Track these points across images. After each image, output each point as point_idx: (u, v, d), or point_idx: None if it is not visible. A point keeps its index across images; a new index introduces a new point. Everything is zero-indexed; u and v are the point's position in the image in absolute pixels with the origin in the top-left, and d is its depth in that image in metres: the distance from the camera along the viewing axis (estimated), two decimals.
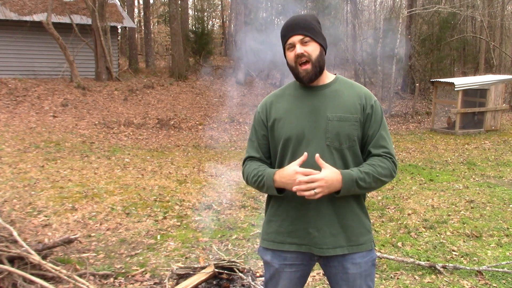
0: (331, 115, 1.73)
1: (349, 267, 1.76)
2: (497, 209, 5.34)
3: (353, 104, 1.76)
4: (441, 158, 8.59)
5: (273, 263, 1.83)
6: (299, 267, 1.81)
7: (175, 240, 4.30)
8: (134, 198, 5.61)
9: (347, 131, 1.73)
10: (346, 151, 1.74)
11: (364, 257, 1.78)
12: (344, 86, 1.81)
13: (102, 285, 3.31)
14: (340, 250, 1.75)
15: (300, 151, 1.73)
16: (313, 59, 1.73)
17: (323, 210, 1.73)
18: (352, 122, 1.74)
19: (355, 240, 1.76)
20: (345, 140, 1.73)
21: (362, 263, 1.77)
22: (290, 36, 1.74)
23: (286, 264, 1.81)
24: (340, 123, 1.73)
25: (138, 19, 26.25)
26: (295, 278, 1.83)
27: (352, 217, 1.77)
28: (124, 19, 16.55)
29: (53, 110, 11.40)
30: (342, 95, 1.78)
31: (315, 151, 1.71)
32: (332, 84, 1.81)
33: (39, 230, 4.38)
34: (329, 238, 1.74)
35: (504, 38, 21.84)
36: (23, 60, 14.17)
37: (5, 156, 7.44)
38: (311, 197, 1.62)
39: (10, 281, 2.88)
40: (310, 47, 1.73)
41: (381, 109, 1.82)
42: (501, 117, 12.48)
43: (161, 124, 11.31)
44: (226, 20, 30.80)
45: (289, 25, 1.75)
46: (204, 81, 16.67)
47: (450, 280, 3.44)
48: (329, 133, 1.72)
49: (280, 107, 1.82)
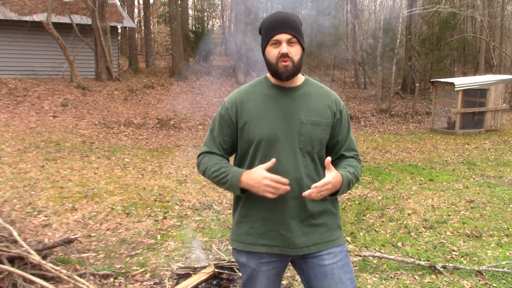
0: (304, 119, 1.74)
1: (325, 258, 1.76)
2: (497, 209, 5.34)
3: (324, 109, 1.78)
4: (441, 158, 8.59)
5: (250, 264, 1.82)
6: (275, 263, 1.82)
7: (175, 240, 4.30)
8: (134, 198, 5.61)
9: (320, 136, 1.76)
10: (316, 155, 1.77)
11: (339, 249, 1.81)
12: (314, 89, 1.83)
13: (102, 285, 3.31)
14: (314, 247, 1.77)
15: (272, 154, 1.71)
16: (295, 61, 1.72)
17: (296, 211, 1.74)
18: (324, 126, 1.77)
19: (328, 236, 1.79)
20: (317, 144, 1.76)
21: (337, 252, 1.79)
22: (278, 33, 1.70)
23: (263, 262, 1.80)
24: (314, 127, 1.74)
25: (138, 19, 26.25)
26: (272, 275, 1.84)
27: (325, 215, 1.80)
28: (124, 19, 16.55)
29: (53, 110, 11.40)
30: (313, 98, 1.79)
31: (288, 154, 1.72)
32: (303, 86, 1.81)
33: (39, 230, 4.38)
34: (302, 237, 1.75)
35: (504, 38, 21.84)
36: (23, 60, 14.17)
37: (5, 156, 7.44)
38: (317, 198, 1.65)
39: (10, 281, 2.88)
40: (295, 49, 1.73)
41: (348, 113, 1.88)
42: (501, 117, 12.48)
43: (161, 124, 11.31)
44: (226, 20, 30.81)
45: (278, 21, 1.71)
46: (204, 81, 16.68)
47: (450, 280, 3.44)
48: (302, 136, 1.73)
49: (252, 106, 1.77)
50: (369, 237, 4.43)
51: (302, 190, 1.69)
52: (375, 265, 3.72)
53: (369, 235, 4.51)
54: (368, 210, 5.33)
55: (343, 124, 1.83)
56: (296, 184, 1.72)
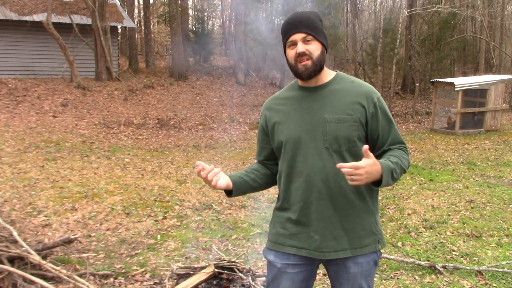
0: (329, 117, 1.69)
1: (350, 266, 1.74)
2: (497, 209, 5.34)
3: (352, 104, 1.70)
4: (441, 158, 8.59)
5: (276, 263, 1.80)
6: (302, 267, 1.78)
7: (175, 240, 4.30)
8: (134, 198, 5.61)
9: (346, 133, 1.68)
10: (345, 153, 1.70)
11: (366, 258, 1.76)
12: (344, 85, 1.75)
13: (102, 285, 3.31)
14: (342, 253, 1.72)
15: (298, 155, 1.72)
16: (314, 57, 1.69)
17: (325, 213, 1.71)
18: (351, 123, 1.69)
19: (358, 243, 1.73)
20: (344, 142, 1.69)
21: (364, 263, 1.75)
22: (292, 33, 1.68)
23: (289, 264, 1.78)
24: (339, 125, 1.68)
25: (138, 19, 26.24)
26: (298, 281, 1.79)
27: (355, 219, 1.73)
28: (124, 19, 16.55)
29: (53, 110, 11.40)
30: (341, 94, 1.73)
31: (313, 154, 1.70)
32: (331, 83, 1.76)
33: (39, 230, 4.38)
34: (331, 241, 1.72)
35: (504, 38, 21.84)
36: (23, 60, 14.17)
37: (5, 156, 7.44)
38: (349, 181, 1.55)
39: (10, 281, 2.88)
40: (312, 46, 1.69)
41: (386, 105, 1.77)
42: (501, 117, 12.48)
43: (161, 124, 11.31)
44: (226, 20, 30.81)
45: (291, 22, 1.70)
46: (204, 81, 16.67)
47: (450, 280, 3.44)
48: (327, 135, 1.69)
49: (279, 110, 1.80)
50: None
51: (330, 190, 1.68)
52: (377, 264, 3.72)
53: None
54: None
55: (381, 117, 1.73)
56: (323, 185, 1.69)
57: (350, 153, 1.70)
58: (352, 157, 1.70)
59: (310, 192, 1.71)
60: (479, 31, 19.78)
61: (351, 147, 1.70)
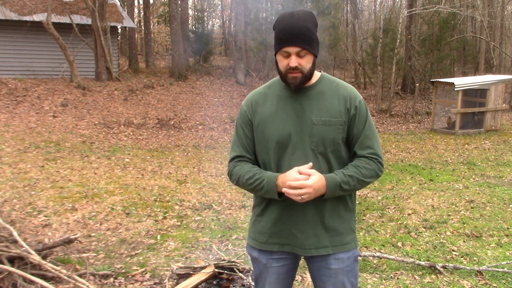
0: (316, 119, 1.70)
1: (331, 262, 1.78)
2: (497, 209, 5.34)
3: (338, 107, 1.73)
4: (441, 158, 8.59)
5: (261, 259, 1.86)
6: (285, 260, 1.85)
7: (175, 240, 4.30)
8: (134, 198, 5.61)
9: (332, 136, 1.71)
10: (330, 155, 1.73)
11: (347, 254, 1.80)
12: (329, 87, 1.77)
13: (102, 285, 3.31)
14: (323, 250, 1.77)
15: (285, 155, 1.73)
16: (305, 71, 1.69)
17: (307, 212, 1.75)
18: (337, 126, 1.72)
19: (338, 241, 1.78)
20: (330, 144, 1.72)
21: (344, 259, 1.79)
22: (287, 45, 1.65)
23: (273, 258, 1.84)
24: (325, 128, 1.70)
25: (138, 19, 26.25)
26: (283, 273, 1.86)
27: (336, 218, 1.78)
28: (124, 19, 16.55)
29: (53, 110, 11.41)
30: (326, 97, 1.74)
31: (299, 155, 1.71)
32: (317, 85, 1.77)
33: (39, 230, 4.38)
34: (312, 239, 1.76)
35: (504, 38, 21.84)
36: (23, 60, 14.17)
37: (5, 156, 7.44)
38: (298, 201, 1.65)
39: (10, 281, 2.88)
40: (305, 60, 1.67)
41: (366, 109, 1.79)
42: (501, 117, 12.48)
43: (161, 124, 11.31)
44: (226, 20, 30.81)
45: (287, 33, 1.64)
46: (204, 81, 16.68)
47: (450, 280, 3.44)
48: (314, 137, 1.70)
49: (265, 108, 1.78)
50: (369, 237, 4.43)
51: None
52: (375, 265, 3.72)
53: (369, 235, 4.51)
54: (368, 210, 5.33)
55: (358, 120, 1.75)
56: None
57: (334, 155, 1.74)
58: (336, 159, 1.75)
59: None
60: (479, 31, 19.79)
61: (335, 149, 1.74)
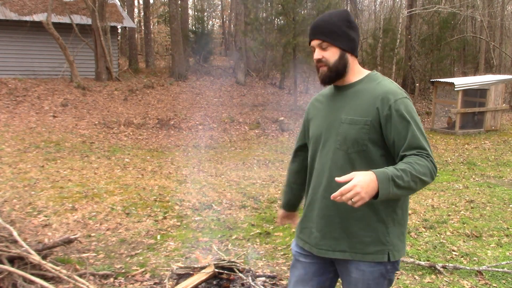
0: (344, 118, 1.69)
1: (352, 271, 1.71)
2: (497, 209, 5.34)
3: (368, 106, 1.66)
4: (441, 158, 8.59)
5: (293, 250, 1.92)
6: (313, 259, 1.82)
7: (175, 240, 4.30)
8: (134, 198, 5.61)
9: (355, 135, 1.65)
10: (354, 155, 1.66)
11: (371, 267, 1.69)
12: (370, 86, 1.71)
13: (102, 285, 3.31)
14: (340, 254, 1.71)
15: (317, 152, 1.79)
16: (330, 64, 1.71)
17: (326, 212, 1.72)
18: (362, 125, 1.65)
19: (360, 248, 1.68)
20: (353, 144, 1.66)
21: (366, 272, 1.69)
22: (311, 39, 1.75)
23: (301, 253, 1.86)
24: (350, 126, 1.67)
25: (138, 19, 26.24)
26: (311, 272, 1.82)
27: (359, 224, 1.68)
28: (124, 19, 16.55)
29: (53, 110, 11.40)
30: (361, 95, 1.70)
31: (326, 153, 1.74)
32: (358, 84, 1.74)
33: (39, 230, 4.38)
34: (329, 240, 1.72)
35: (504, 38, 21.83)
36: (23, 60, 14.17)
37: (5, 156, 7.44)
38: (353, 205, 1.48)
39: (10, 281, 2.88)
40: (328, 53, 1.70)
41: (407, 107, 1.63)
42: (501, 117, 12.48)
43: (161, 124, 11.30)
44: (226, 20, 30.80)
45: (312, 27, 1.75)
46: (204, 81, 16.67)
47: (450, 280, 3.44)
48: (339, 135, 1.69)
49: (315, 107, 1.89)
50: None
51: (332, 191, 1.62)
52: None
53: None
54: None
55: (396, 121, 1.61)
56: (328, 184, 1.71)
57: (360, 156, 1.66)
58: (362, 160, 1.66)
59: (317, 189, 1.76)
60: (479, 31, 19.79)
61: (361, 150, 1.66)
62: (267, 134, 11.39)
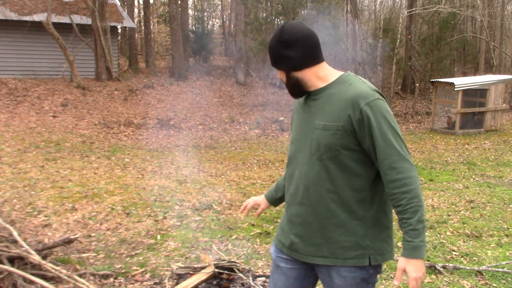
0: (317, 123, 1.66)
1: (334, 276, 1.70)
2: (497, 209, 5.34)
3: (339, 111, 1.61)
4: (441, 158, 8.59)
5: (272, 253, 1.88)
6: (294, 264, 1.79)
7: (175, 240, 4.30)
8: (134, 198, 5.61)
9: (327, 141, 1.62)
10: (328, 161, 1.63)
11: (351, 272, 1.67)
12: (341, 88, 1.65)
13: (102, 285, 3.31)
14: (321, 260, 1.69)
15: (295, 159, 1.78)
16: (285, 83, 1.78)
17: (305, 218, 1.71)
18: (334, 131, 1.61)
19: (340, 253, 1.66)
20: (326, 150, 1.63)
21: (348, 277, 1.67)
22: None
23: (282, 258, 1.82)
24: (322, 132, 1.64)
25: (138, 19, 26.23)
26: (292, 277, 1.80)
27: (338, 230, 1.66)
28: (124, 19, 16.55)
29: (53, 110, 11.41)
30: (333, 100, 1.65)
31: (303, 159, 1.72)
32: (329, 87, 1.68)
33: (39, 230, 4.38)
34: (310, 246, 1.71)
35: (504, 38, 21.84)
36: (23, 60, 14.17)
37: (5, 156, 7.44)
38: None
39: (10, 281, 2.88)
40: (280, 74, 1.78)
41: (379, 109, 1.59)
42: (501, 117, 12.48)
43: (161, 124, 11.31)
44: (226, 20, 30.81)
45: None
46: (204, 81, 16.67)
47: (450, 280, 3.44)
48: (313, 141, 1.67)
49: (297, 110, 1.90)
50: None
51: (309, 197, 1.68)
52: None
53: None
54: None
55: (368, 125, 1.58)
56: (305, 190, 1.70)
57: (334, 162, 1.64)
58: (336, 166, 1.64)
59: (296, 195, 1.74)
60: (479, 31, 19.79)
61: (334, 156, 1.63)
62: (267, 134, 11.39)
